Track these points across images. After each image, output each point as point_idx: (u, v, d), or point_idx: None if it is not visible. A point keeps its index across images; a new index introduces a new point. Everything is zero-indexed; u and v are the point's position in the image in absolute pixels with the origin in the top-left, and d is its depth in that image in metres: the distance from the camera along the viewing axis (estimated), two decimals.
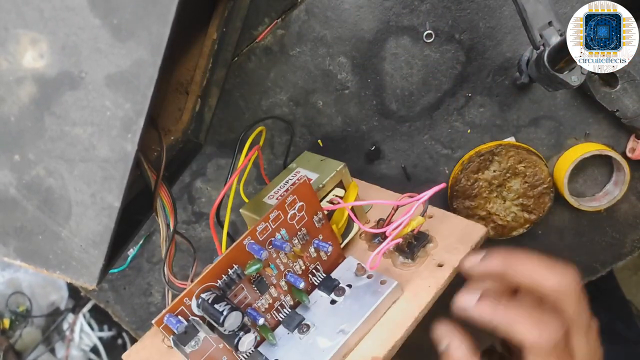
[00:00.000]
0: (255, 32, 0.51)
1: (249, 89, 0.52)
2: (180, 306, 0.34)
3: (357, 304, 0.39)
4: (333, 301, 0.40)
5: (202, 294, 0.34)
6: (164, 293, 0.61)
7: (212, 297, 0.33)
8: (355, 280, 0.40)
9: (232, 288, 0.36)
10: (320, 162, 0.45)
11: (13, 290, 1.24)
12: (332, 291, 0.40)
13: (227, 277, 0.35)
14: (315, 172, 0.44)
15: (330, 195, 0.43)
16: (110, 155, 0.28)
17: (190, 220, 0.58)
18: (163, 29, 0.26)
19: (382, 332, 0.38)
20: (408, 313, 0.38)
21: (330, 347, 0.36)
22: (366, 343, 0.38)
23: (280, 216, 0.37)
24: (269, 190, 0.45)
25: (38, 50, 0.26)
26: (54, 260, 0.30)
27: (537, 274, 0.35)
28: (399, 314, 0.38)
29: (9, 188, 0.28)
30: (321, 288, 0.41)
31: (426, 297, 0.38)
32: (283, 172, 0.47)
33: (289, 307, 0.40)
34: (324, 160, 0.45)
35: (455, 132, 0.54)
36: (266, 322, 0.39)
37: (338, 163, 0.44)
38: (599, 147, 0.52)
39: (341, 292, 0.40)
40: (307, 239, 0.39)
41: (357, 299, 0.39)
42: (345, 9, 0.49)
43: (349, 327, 0.37)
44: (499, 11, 0.49)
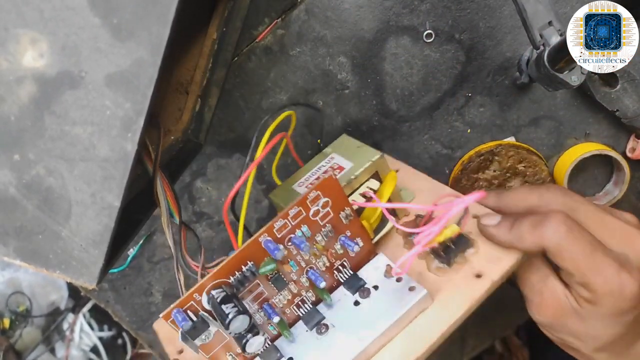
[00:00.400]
0: (255, 32, 0.51)
1: (249, 89, 0.52)
2: (190, 301, 0.33)
3: (381, 309, 0.36)
4: (357, 302, 0.37)
5: (213, 290, 0.33)
6: (164, 293, 0.61)
7: (222, 296, 0.32)
8: (383, 282, 0.37)
9: (245, 285, 0.35)
10: (357, 148, 0.41)
11: (13, 290, 1.24)
12: (357, 291, 0.37)
13: (241, 275, 0.34)
14: (350, 159, 0.40)
15: (363, 187, 0.38)
16: (111, 155, 0.28)
17: (191, 220, 0.58)
18: (163, 29, 0.26)
19: (405, 344, 0.34)
20: (435, 327, 0.34)
21: (347, 352, 0.34)
22: (386, 354, 0.35)
23: (301, 212, 0.34)
24: (299, 175, 0.42)
25: (38, 49, 0.26)
26: (54, 259, 0.30)
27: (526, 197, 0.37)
28: (425, 327, 0.35)
29: (9, 187, 0.28)
30: (346, 286, 0.38)
31: (457, 311, 0.34)
32: (317, 156, 0.43)
33: (310, 302, 0.38)
34: (361, 147, 0.41)
35: (455, 132, 0.54)
36: (285, 316, 0.37)
37: (375, 152, 0.39)
38: (599, 147, 0.52)
39: (366, 294, 0.37)
40: (333, 235, 0.36)
41: (382, 303, 0.36)
42: (345, 9, 0.49)
43: (370, 334, 0.34)
44: (499, 11, 0.49)
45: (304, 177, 0.41)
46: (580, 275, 0.33)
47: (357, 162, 0.39)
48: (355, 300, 0.37)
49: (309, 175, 0.41)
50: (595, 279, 0.33)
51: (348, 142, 0.42)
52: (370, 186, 0.38)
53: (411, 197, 0.42)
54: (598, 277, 0.32)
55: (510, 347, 0.90)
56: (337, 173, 0.38)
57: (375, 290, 0.37)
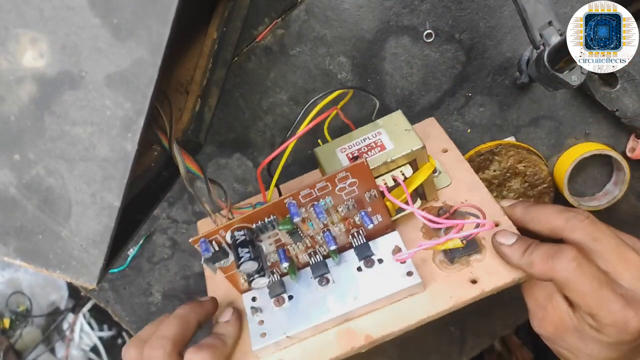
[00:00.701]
0: (255, 32, 0.51)
1: (249, 88, 0.52)
2: (216, 235, 0.38)
3: (378, 281, 0.39)
4: (360, 268, 0.41)
5: (237, 231, 0.38)
6: (164, 293, 0.61)
7: (241, 240, 0.37)
8: (388, 258, 0.41)
9: (265, 233, 0.39)
10: (405, 131, 0.41)
11: (13, 290, 1.24)
12: (363, 259, 0.41)
13: (262, 224, 0.38)
14: (394, 141, 0.41)
15: (397, 171, 0.40)
16: (111, 155, 0.28)
17: (191, 220, 0.58)
18: (163, 29, 0.26)
19: (386, 318, 0.39)
20: (417, 312, 0.38)
21: (338, 308, 0.39)
22: (368, 319, 0.39)
23: (327, 187, 0.38)
24: (345, 140, 0.43)
25: (38, 49, 0.26)
26: (54, 259, 0.30)
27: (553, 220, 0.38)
28: (408, 309, 0.39)
29: (9, 187, 0.28)
30: (355, 251, 0.42)
31: (441, 306, 0.38)
32: (368, 125, 0.43)
33: (321, 255, 0.42)
34: (409, 131, 0.41)
35: (455, 131, 0.54)
36: (297, 260, 0.42)
37: (418, 142, 0.39)
38: (599, 146, 0.52)
39: (370, 264, 0.41)
40: (354, 208, 0.40)
41: (381, 277, 0.40)
42: (345, 8, 0.49)
43: (361, 300, 0.39)
44: (499, 11, 0.49)
45: (349, 143, 0.42)
46: (587, 307, 0.34)
47: (399, 145, 0.40)
48: (359, 266, 0.41)
49: (354, 143, 0.42)
50: (600, 312, 0.33)
51: (399, 120, 0.42)
52: (404, 171, 0.40)
53: (447, 182, 0.45)
54: (603, 311, 0.33)
55: (510, 347, 0.90)
56: (377, 152, 0.40)
57: (379, 263, 0.41)
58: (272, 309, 0.41)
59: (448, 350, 0.59)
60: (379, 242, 0.42)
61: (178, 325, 0.40)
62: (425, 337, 0.59)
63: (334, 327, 0.40)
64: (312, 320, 0.39)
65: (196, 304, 0.43)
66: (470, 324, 0.58)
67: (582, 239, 0.36)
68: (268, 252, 0.41)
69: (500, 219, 0.41)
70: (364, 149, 0.40)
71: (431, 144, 0.48)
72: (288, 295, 0.41)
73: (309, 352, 0.39)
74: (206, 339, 0.40)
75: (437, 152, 0.48)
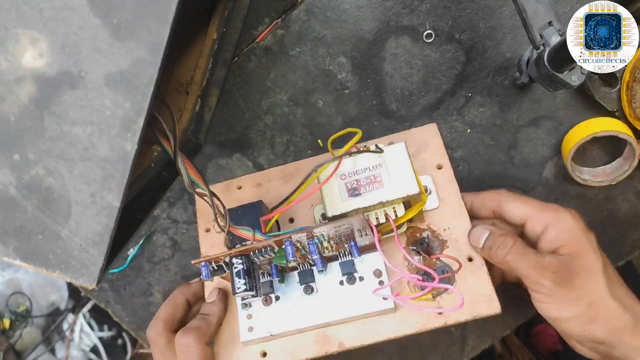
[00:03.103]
0: (255, 32, 0.51)
1: (249, 89, 0.52)
2: (218, 260, 0.41)
3: (356, 298, 0.43)
4: (342, 282, 0.44)
5: (235, 258, 0.41)
6: (164, 293, 0.61)
7: (239, 269, 0.41)
8: (369, 277, 0.44)
9: (261, 257, 0.42)
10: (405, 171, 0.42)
11: (13, 290, 1.24)
12: (345, 274, 0.44)
13: (259, 252, 0.41)
14: (393, 179, 0.41)
15: (389, 209, 0.42)
16: (110, 155, 0.28)
17: (191, 220, 0.58)
18: (163, 29, 0.26)
19: (359, 331, 0.44)
20: (385, 331, 0.43)
21: (317, 317, 0.44)
22: (343, 328, 0.44)
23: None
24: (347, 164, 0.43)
25: (38, 49, 0.26)
26: (54, 259, 0.30)
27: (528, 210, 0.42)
28: (379, 327, 0.43)
29: (9, 187, 0.28)
30: (340, 265, 0.44)
31: (408, 329, 0.43)
32: (372, 154, 0.43)
33: (309, 263, 0.45)
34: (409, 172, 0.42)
35: (455, 132, 0.54)
36: (286, 265, 0.45)
37: (415, 187, 0.41)
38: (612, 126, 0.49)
39: (352, 281, 0.44)
40: (345, 239, 0.42)
41: (358, 294, 0.44)
42: (345, 9, 0.49)
43: (339, 314, 0.43)
44: (499, 11, 0.49)
45: (350, 170, 0.43)
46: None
47: (396, 186, 0.41)
48: (342, 280, 0.44)
49: (355, 171, 0.43)
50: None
51: (401, 155, 0.42)
52: (397, 210, 0.42)
53: (435, 205, 0.47)
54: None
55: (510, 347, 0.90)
56: (374, 187, 0.41)
57: (360, 280, 0.44)
58: (260, 307, 0.45)
59: (448, 351, 0.59)
60: (364, 258, 0.45)
61: (168, 307, 0.48)
62: (425, 337, 0.59)
63: (312, 330, 0.45)
64: (294, 324, 0.44)
65: (184, 285, 0.50)
66: (471, 324, 0.58)
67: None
68: (261, 263, 0.43)
69: (474, 255, 0.44)
70: (363, 182, 0.42)
71: (428, 156, 0.49)
72: (275, 296, 0.45)
73: (288, 349, 0.45)
74: (192, 321, 0.46)
75: (431, 167, 0.48)
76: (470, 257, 0.44)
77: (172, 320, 0.48)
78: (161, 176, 0.41)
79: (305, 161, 0.52)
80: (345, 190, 0.42)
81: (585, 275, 0.40)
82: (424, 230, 0.46)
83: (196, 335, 0.44)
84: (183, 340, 0.44)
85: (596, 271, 0.40)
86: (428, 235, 0.46)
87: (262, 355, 0.45)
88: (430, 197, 0.47)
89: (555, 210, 0.42)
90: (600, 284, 0.40)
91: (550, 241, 0.41)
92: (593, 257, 0.40)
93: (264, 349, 0.45)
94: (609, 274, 0.40)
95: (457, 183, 0.47)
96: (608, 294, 0.40)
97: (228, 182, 0.53)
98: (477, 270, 0.44)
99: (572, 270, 0.40)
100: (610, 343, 0.40)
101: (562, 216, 0.41)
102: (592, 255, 0.40)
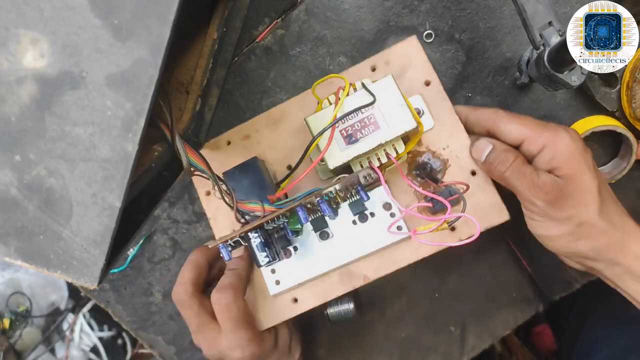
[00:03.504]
0: (255, 32, 0.51)
1: (249, 88, 0.52)
2: (235, 237, 0.43)
3: (372, 234, 0.45)
4: (355, 222, 0.45)
5: (250, 232, 0.43)
6: (164, 293, 0.61)
7: (257, 242, 0.43)
8: (379, 212, 0.45)
9: (276, 225, 0.43)
10: (399, 107, 0.41)
11: (13, 290, 1.24)
12: (357, 214, 0.45)
13: (272, 222, 0.43)
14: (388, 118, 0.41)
15: (389, 147, 0.42)
16: (111, 155, 0.28)
17: (191, 220, 0.58)
18: (164, 29, 0.26)
19: (380, 262, 0.45)
20: (405, 258, 0.45)
21: (338, 259, 0.45)
22: (365, 263, 0.46)
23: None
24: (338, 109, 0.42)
25: (39, 50, 0.26)
26: (55, 260, 0.30)
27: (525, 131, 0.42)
28: (398, 255, 0.45)
29: (10, 188, 0.28)
30: (350, 206, 0.45)
31: (425, 252, 0.44)
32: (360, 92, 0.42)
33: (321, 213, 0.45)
34: (403, 106, 0.41)
35: None
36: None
37: (412, 121, 0.40)
38: (609, 122, 0.50)
39: (364, 219, 0.45)
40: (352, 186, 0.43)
41: (373, 229, 0.45)
42: (345, 9, 0.49)
43: (358, 252, 0.45)
44: (499, 11, 0.49)
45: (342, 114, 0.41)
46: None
47: (393, 125, 0.41)
48: (354, 220, 0.45)
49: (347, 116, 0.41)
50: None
51: (392, 91, 0.41)
52: (397, 147, 0.42)
53: (430, 126, 0.46)
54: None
55: (510, 347, 0.90)
56: (371, 130, 0.41)
57: (371, 217, 0.45)
58: (282, 260, 0.47)
59: (448, 351, 0.59)
60: (370, 195, 0.45)
61: (191, 269, 0.48)
62: (425, 337, 0.59)
63: (336, 271, 0.46)
64: (317, 270, 0.46)
65: (202, 247, 0.50)
66: (471, 324, 0.59)
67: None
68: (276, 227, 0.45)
69: (477, 168, 0.45)
70: (357, 126, 0.41)
71: (413, 73, 0.46)
72: (293, 247, 0.47)
73: (317, 292, 0.47)
74: (223, 279, 0.46)
75: (419, 85, 0.46)
76: (474, 171, 0.44)
77: (199, 282, 0.48)
78: (162, 176, 0.41)
79: (287, 103, 0.49)
80: (341, 139, 0.41)
81: (578, 196, 0.40)
82: (423, 153, 0.46)
83: (233, 292, 0.45)
84: (223, 299, 0.44)
85: (589, 192, 0.40)
86: (429, 157, 0.45)
87: (293, 301, 0.47)
88: (424, 118, 0.45)
89: (553, 130, 0.41)
90: (592, 205, 0.40)
91: (547, 162, 0.41)
92: (588, 178, 0.40)
93: (294, 296, 0.47)
94: (603, 194, 0.41)
95: (448, 98, 0.46)
96: (597, 215, 0.40)
97: (215, 139, 0.51)
98: (482, 183, 0.44)
99: (566, 191, 0.40)
100: (594, 258, 0.41)
101: (560, 137, 0.41)
102: (587, 176, 0.40)
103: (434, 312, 0.59)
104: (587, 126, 0.50)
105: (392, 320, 0.59)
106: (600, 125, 0.49)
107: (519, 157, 0.41)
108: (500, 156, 0.42)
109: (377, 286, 0.58)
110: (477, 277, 0.56)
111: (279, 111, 0.49)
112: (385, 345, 0.59)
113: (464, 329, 0.58)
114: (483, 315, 0.58)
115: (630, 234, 0.41)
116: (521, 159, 0.41)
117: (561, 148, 0.40)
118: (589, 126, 0.49)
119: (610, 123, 0.49)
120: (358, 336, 0.60)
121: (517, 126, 0.42)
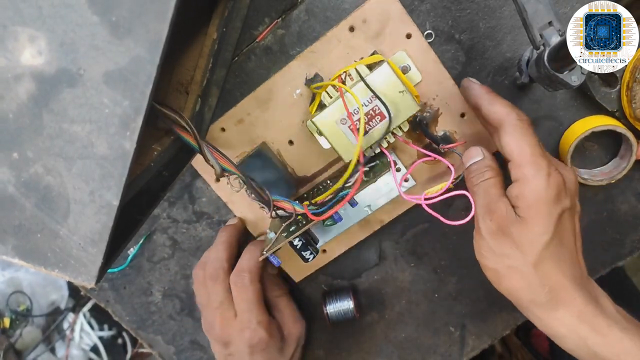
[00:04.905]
0: (255, 32, 0.51)
1: (249, 88, 0.52)
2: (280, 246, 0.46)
3: (383, 190, 0.51)
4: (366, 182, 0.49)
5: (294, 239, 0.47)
6: (164, 292, 0.61)
7: (300, 245, 0.47)
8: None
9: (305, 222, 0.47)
10: (399, 94, 0.43)
11: (13, 290, 1.24)
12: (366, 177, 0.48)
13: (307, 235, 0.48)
14: (391, 107, 0.43)
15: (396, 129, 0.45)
16: (109, 153, 0.28)
17: (192, 219, 0.58)
18: (161, 27, 0.26)
19: (391, 208, 0.53)
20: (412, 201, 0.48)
21: (355, 216, 0.53)
22: (379, 212, 0.53)
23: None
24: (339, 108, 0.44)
25: (36, 47, 0.26)
26: (53, 258, 0.30)
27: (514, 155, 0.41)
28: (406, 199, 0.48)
29: (7, 186, 0.28)
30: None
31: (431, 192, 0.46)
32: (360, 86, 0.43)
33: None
34: (403, 93, 0.43)
35: None
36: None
37: (414, 105, 0.43)
38: (608, 121, 0.50)
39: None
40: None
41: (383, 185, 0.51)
42: (345, 8, 0.49)
43: (371, 207, 0.52)
44: (499, 11, 0.49)
45: (346, 113, 0.44)
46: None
47: (397, 112, 0.44)
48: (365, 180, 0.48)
49: (352, 111, 0.44)
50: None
51: (389, 78, 0.43)
52: (402, 126, 0.45)
53: (418, 79, 0.48)
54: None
55: (510, 347, 0.90)
56: (378, 121, 0.44)
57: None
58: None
59: (448, 351, 0.59)
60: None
61: (226, 248, 0.52)
62: (425, 338, 0.59)
63: (355, 225, 0.53)
64: (342, 228, 0.53)
65: (232, 228, 0.54)
66: (470, 325, 0.58)
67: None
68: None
69: (466, 109, 0.49)
70: (364, 119, 0.43)
71: (392, 28, 0.47)
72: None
73: (342, 241, 0.55)
74: (241, 261, 0.51)
75: (401, 40, 0.47)
76: (462, 113, 0.49)
77: (232, 261, 0.52)
78: (161, 176, 0.41)
79: (271, 80, 0.50)
80: (351, 134, 0.44)
81: (519, 241, 0.40)
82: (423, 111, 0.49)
83: (250, 275, 0.49)
84: (239, 281, 0.49)
85: (531, 244, 0.39)
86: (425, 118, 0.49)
87: (322, 252, 0.55)
88: (412, 72, 0.48)
89: (536, 168, 0.39)
90: (529, 256, 0.39)
91: (513, 196, 0.41)
92: (539, 230, 0.39)
93: (322, 248, 0.55)
94: (551, 252, 0.40)
95: (431, 49, 0.48)
96: (531, 267, 0.40)
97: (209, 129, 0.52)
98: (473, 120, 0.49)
99: (511, 230, 0.40)
100: (517, 305, 0.43)
101: (536, 179, 0.39)
102: (539, 228, 0.39)
103: (433, 313, 0.59)
104: (587, 126, 0.50)
105: (392, 321, 0.59)
106: (600, 125, 0.49)
107: (495, 178, 0.42)
108: (481, 169, 0.43)
109: (377, 287, 0.58)
110: (476, 278, 0.56)
111: (266, 90, 0.50)
112: (385, 346, 0.59)
113: (463, 330, 0.58)
114: (482, 315, 0.58)
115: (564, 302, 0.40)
116: (496, 180, 0.42)
117: (529, 190, 0.39)
118: (589, 126, 0.49)
119: (610, 123, 0.49)
120: (357, 337, 0.59)
121: (513, 145, 0.41)
